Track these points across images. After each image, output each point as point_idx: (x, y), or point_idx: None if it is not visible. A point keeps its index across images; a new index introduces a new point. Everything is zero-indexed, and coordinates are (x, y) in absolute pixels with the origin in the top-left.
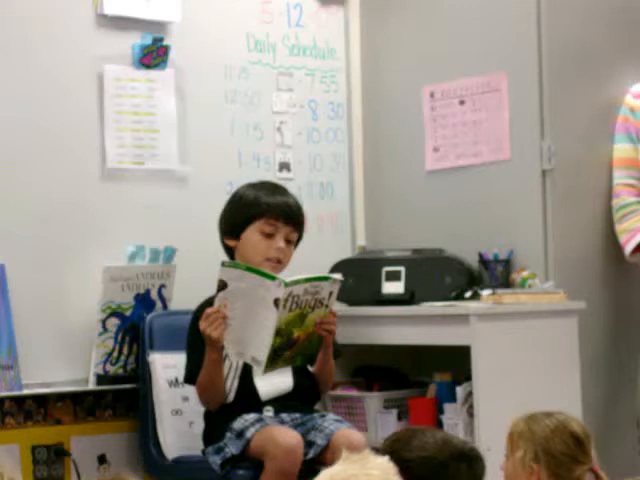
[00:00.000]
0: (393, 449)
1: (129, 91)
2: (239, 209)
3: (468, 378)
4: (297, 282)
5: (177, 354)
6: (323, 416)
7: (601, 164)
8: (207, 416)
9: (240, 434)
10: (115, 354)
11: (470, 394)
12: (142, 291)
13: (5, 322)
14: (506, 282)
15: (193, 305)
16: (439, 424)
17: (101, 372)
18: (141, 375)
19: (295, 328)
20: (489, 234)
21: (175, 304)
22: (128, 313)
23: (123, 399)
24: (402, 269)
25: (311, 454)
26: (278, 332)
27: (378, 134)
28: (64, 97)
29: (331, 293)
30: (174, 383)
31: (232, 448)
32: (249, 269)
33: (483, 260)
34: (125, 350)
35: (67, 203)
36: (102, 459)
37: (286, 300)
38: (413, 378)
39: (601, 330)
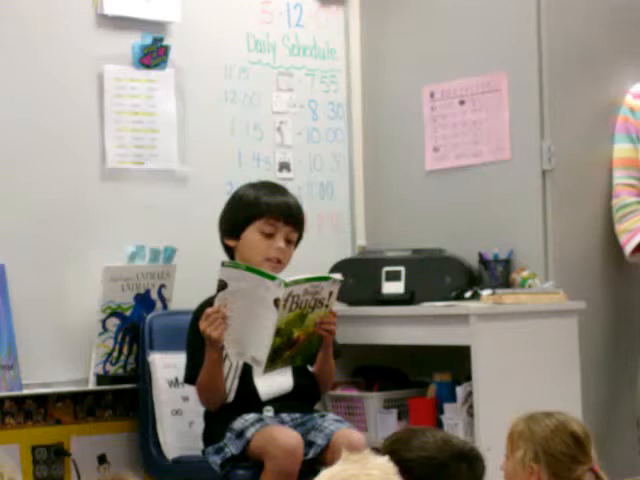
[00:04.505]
0: (393, 449)
1: (129, 91)
2: (239, 209)
3: (468, 378)
4: (297, 282)
5: (177, 354)
6: (323, 416)
7: (601, 164)
8: (207, 416)
9: (240, 434)
10: (115, 354)
11: (470, 394)
12: (142, 291)
13: (5, 322)
14: (506, 282)
15: (193, 305)
16: (439, 424)
17: (101, 372)
18: (141, 375)
19: (295, 328)
20: (489, 234)
21: (175, 304)
22: (128, 313)
23: (123, 399)
24: (402, 269)
25: (311, 454)
26: (278, 332)
27: (378, 134)
28: (64, 97)
29: (331, 293)
30: (174, 383)
31: (232, 448)
32: (249, 269)
33: (483, 260)
34: (125, 350)
35: (67, 203)
36: (102, 459)
37: (286, 300)
38: (413, 378)
39: (601, 330)
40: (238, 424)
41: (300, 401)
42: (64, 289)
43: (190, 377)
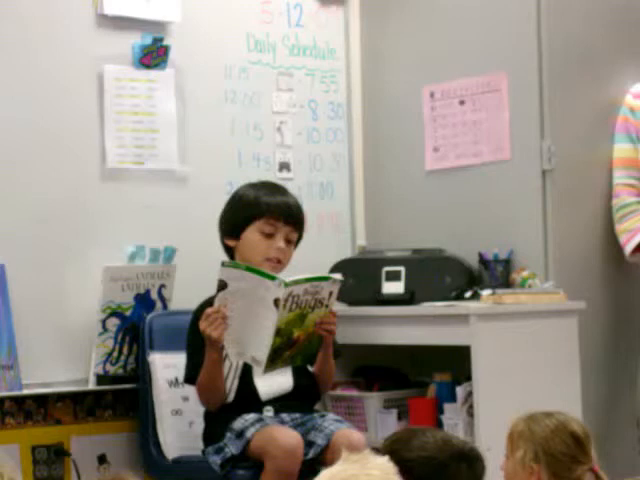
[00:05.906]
0: (393, 449)
1: (129, 91)
2: (239, 209)
3: (468, 378)
4: (297, 282)
5: (177, 354)
6: (323, 416)
7: (601, 164)
8: (207, 416)
9: (240, 434)
10: (115, 354)
11: (470, 394)
12: (142, 291)
13: (5, 322)
14: (506, 282)
15: (193, 305)
16: (439, 424)
17: (101, 372)
18: (141, 375)
19: (295, 328)
20: (489, 234)
21: (175, 304)
22: (128, 313)
23: (123, 399)
24: (402, 269)
25: (311, 454)
26: (278, 332)
27: (378, 134)
28: (64, 97)
29: (331, 293)
30: (174, 383)
31: (232, 448)
32: (249, 269)
33: (483, 260)
34: (125, 350)
35: (67, 203)
36: (102, 459)
37: (286, 300)
38: (413, 378)
39: (601, 330)
40: (238, 424)
41: (300, 401)
42: (64, 289)
43: (190, 377)
